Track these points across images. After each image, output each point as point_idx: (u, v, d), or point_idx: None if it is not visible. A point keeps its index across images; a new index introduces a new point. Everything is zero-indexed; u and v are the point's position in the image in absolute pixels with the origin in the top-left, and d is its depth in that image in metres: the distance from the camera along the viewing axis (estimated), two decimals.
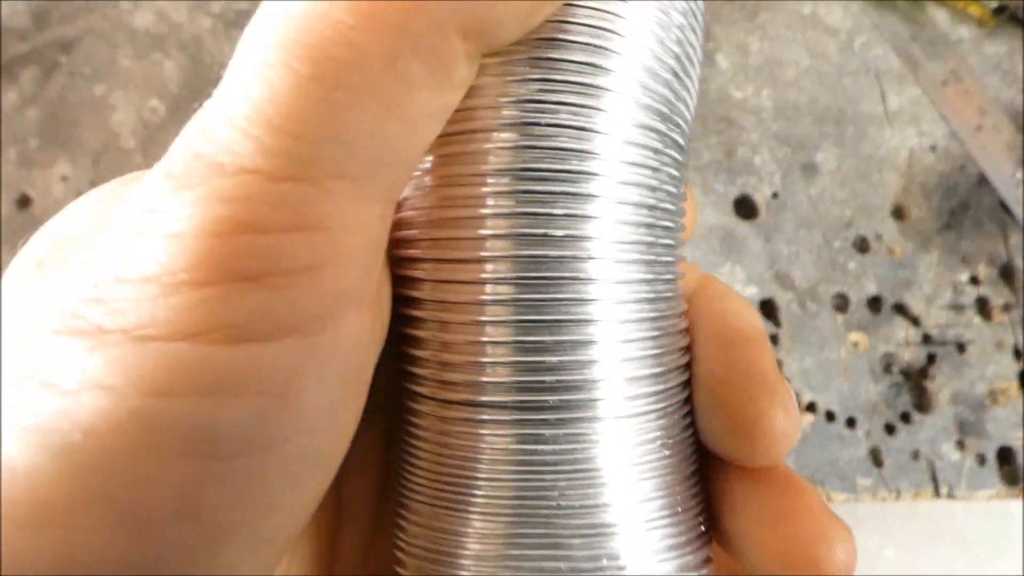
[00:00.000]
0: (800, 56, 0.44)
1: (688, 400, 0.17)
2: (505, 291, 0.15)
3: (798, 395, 0.39)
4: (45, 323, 0.13)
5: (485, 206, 0.15)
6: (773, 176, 0.42)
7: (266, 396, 0.13)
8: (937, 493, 0.39)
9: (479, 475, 0.15)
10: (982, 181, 0.43)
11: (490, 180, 0.15)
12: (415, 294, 0.16)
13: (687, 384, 0.17)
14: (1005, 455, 0.39)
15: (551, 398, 0.15)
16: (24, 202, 0.40)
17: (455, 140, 0.15)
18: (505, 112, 0.15)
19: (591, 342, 0.15)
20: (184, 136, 0.13)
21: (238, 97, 0.12)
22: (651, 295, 0.16)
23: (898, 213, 0.42)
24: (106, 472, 0.12)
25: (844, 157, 0.43)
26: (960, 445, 0.39)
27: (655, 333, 0.16)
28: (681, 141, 0.17)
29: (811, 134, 0.43)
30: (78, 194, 0.41)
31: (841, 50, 0.44)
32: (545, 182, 0.15)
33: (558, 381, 0.15)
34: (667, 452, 0.16)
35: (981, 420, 0.40)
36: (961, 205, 0.43)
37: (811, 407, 0.39)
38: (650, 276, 0.16)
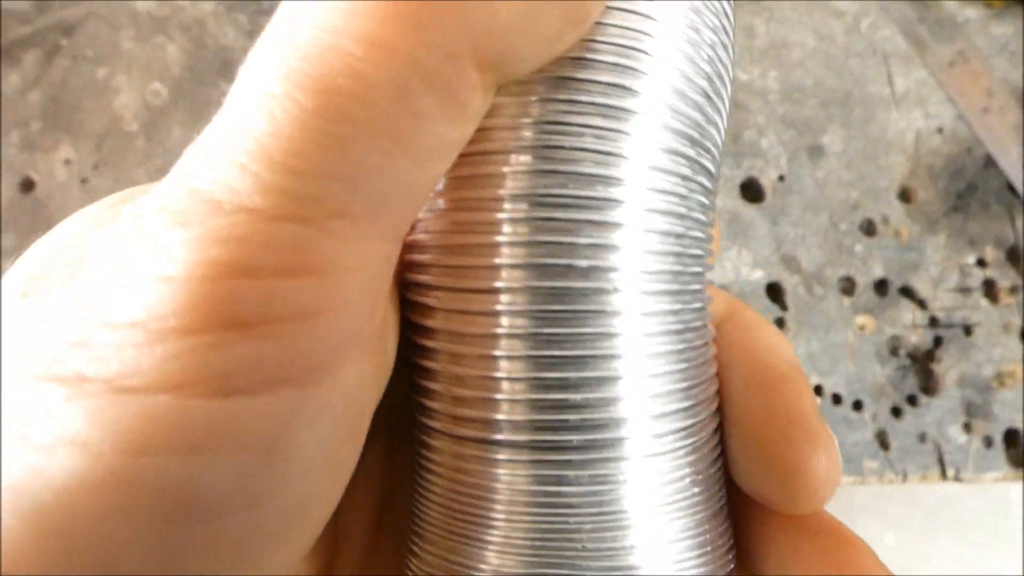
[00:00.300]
0: (806, 38, 0.44)
1: (717, 431, 0.17)
2: (523, 324, 0.14)
3: None
4: (26, 367, 0.12)
5: (501, 233, 0.14)
6: (779, 159, 0.42)
7: (251, 452, 0.12)
8: (944, 476, 0.39)
9: (496, 514, 0.15)
10: (989, 163, 0.43)
11: (507, 206, 0.14)
12: (427, 323, 0.15)
13: (716, 414, 0.17)
14: (1012, 437, 0.39)
15: (575, 438, 0.14)
16: (27, 186, 0.40)
17: (470, 161, 0.14)
18: (525, 133, 0.14)
19: (616, 378, 0.14)
20: (183, 165, 0.12)
21: (239, 129, 0.12)
22: (679, 326, 0.15)
23: (905, 195, 0.42)
24: (78, 535, 0.11)
25: (851, 139, 0.43)
26: (967, 428, 0.39)
27: (683, 366, 0.15)
28: (711, 167, 0.16)
29: (817, 116, 0.43)
30: (81, 178, 0.40)
31: (848, 32, 0.44)
32: (567, 209, 0.14)
33: (582, 420, 0.14)
34: (696, 489, 0.15)
35: (988, 402, 0.40)
36: (968, 187, 0.42)
37: (817, 390, 0.39)
38: (678, 306, 0.15)
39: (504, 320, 0.14)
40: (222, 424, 0.12)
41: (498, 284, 0.14)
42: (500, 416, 0.14)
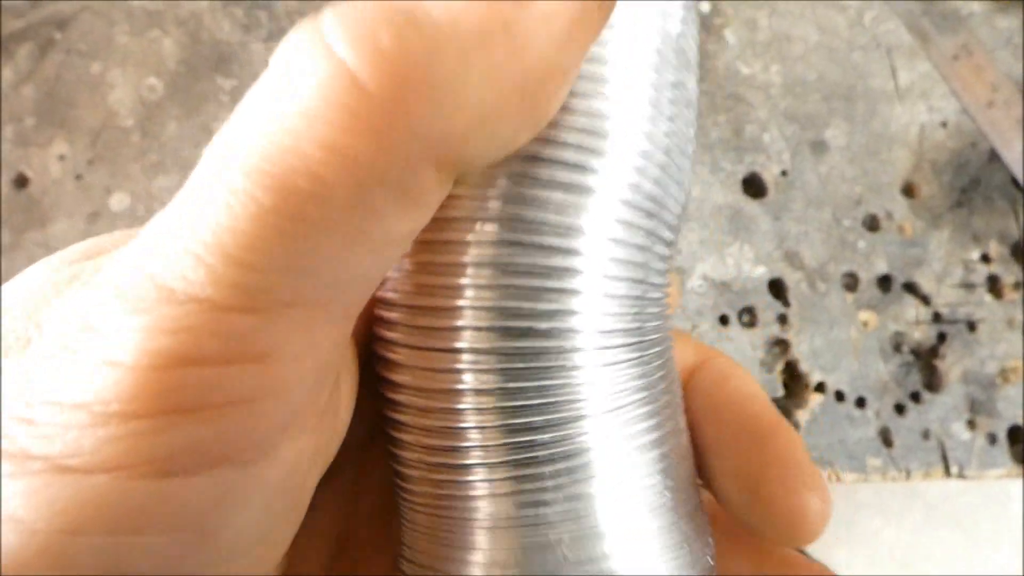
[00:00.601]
0: (809, 31, 0.43)
1: (683, 433, 0.18)
2: (488, 380, 0.15)
3: (807, 375, 0.39)
4: None
5: (465, 298, 0.15)
6: (782, 154, 0.42)
7: (186, 531, 0.12)
8: (947, 473, 0.38)
9: (479, 536, 0.15)
10: (993, 157, 0.42)
11: (471, 271, 0.15)
12: (395, 377, 0.16)
13: (680, 423, 0.18)
14: (1016, 434, 0.39)
15: (547, 469, 0.15)
16: (21, 182, 0.39)
17: (436, 227, 0.15)
18: (490, 204, 0.15)
19: (580, 417, 0.15)
20: (142, 244, 0.13)
21: (197, 219, 0.12)
22: (640, 373, 0.16)
23: (908, 191, 0.42)
24: None
25: (854, 134, 0.42)
26: (971, 424, 0.39)
27: (649, 407, 0.16)
28: (669, 235, 0.16)
29: (820, 111, 0.42)
30: (75, 174, 0.40)
31: (851, 25, 0.44)
32: (529, 277, 0.15)
33: (552, 454, 0.15)
34: (668, 494, 0.16)
35: (992, 399, 0.39)
36: (972, 182, 0.42)
37: (820, 387, 0.39)
38: (636, 355, 0.16)
39: (468, 377, 0.15)
40: (158, 504, 0.12)
41: (462, 344, 0.15)
42: (473, 461, 0.15)
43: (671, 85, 0.16)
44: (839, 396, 0.39)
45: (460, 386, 0.15)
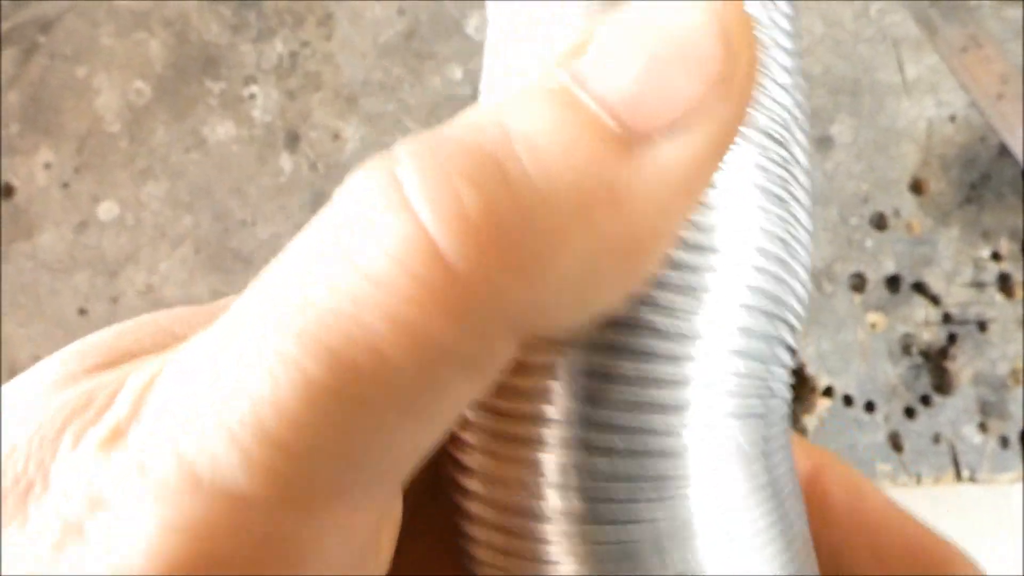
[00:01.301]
0: (814, 23, 0.42)
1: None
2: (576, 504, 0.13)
3: (815, 379, 0.38)
4: None
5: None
6: None
7: None
8: (959, 477, 0.37)
9: None
10: (1003, 152, 0.41)
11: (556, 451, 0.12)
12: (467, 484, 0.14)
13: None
14: None
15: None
16: (7, 191, 0.38)
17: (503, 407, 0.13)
18: (570, 404, 0.12)
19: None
20: (172, 405, 0.11)
21: (236, 386, 0.10)
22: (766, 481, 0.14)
23: (916, 187, 0.41)
24: None
25: (860, 129, 0.41)
26: (982, 427, 0.38)
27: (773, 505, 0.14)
28: (791, 340, 0.14)
29: (826, 105, 0.41)
30: (62, 182, 0.39)
31: (856, 17, 0.42)
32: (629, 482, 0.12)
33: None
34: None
35: (1003, 401, 0.38)
36: (982, 177, 0.41)
37: (828, 392, 0.38)
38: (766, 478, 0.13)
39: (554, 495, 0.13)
40: None
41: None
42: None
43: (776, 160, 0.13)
44: (847, 400, 0.38)
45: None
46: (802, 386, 0.38)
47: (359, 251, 0.10)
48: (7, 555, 0.11)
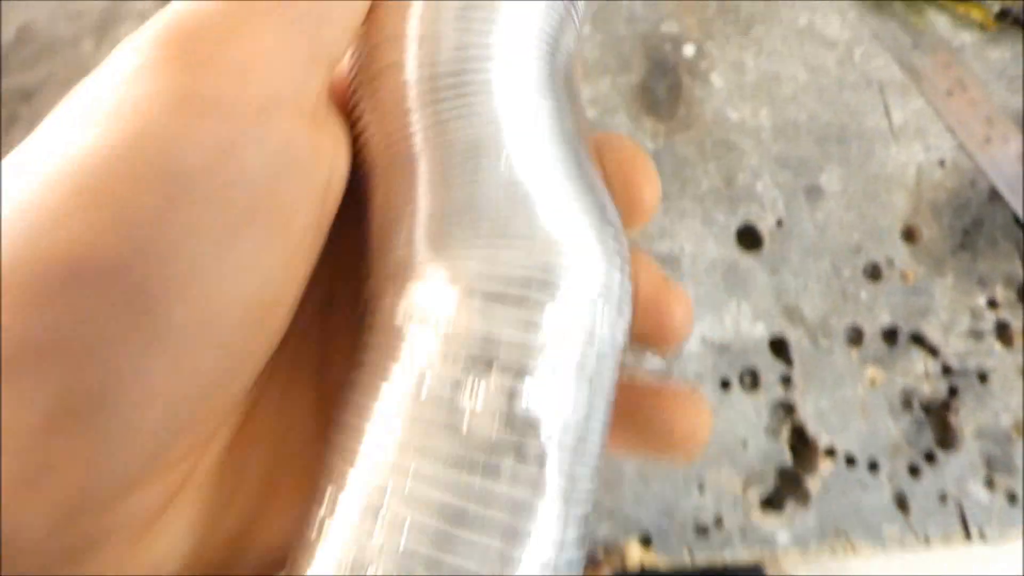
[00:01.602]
0: (798, 71, 0.41)
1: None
2: None
3: (815, 439, 0.37)
4: None
5: None
6: (776, 202, 0.40)
7: None
8: (968, 536, 0.36)
9: None
10: (994, 196, 0.41)
11: None
12: None
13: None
14: None
15: None
16: None
17: None
18: None
19: None
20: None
21: None
22: None
23: (909, 235, 0.40)
24: None
25: (849, 177, 0.40)
26: (989, 483, 0.37)
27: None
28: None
29: (813, 154, 0.40)
30: None
31: (840, 62, 0.42)
32: None
33: None
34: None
35: (1009, 454, 0.37)
36: (974, 223, 0.40)
37: (830, 452, 0.37)
38: None
39: None
40: None
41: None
42: None
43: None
44: (850, 461, 0.37)
45: None
46: (804, 446, 0.37)
47: None
48: None
